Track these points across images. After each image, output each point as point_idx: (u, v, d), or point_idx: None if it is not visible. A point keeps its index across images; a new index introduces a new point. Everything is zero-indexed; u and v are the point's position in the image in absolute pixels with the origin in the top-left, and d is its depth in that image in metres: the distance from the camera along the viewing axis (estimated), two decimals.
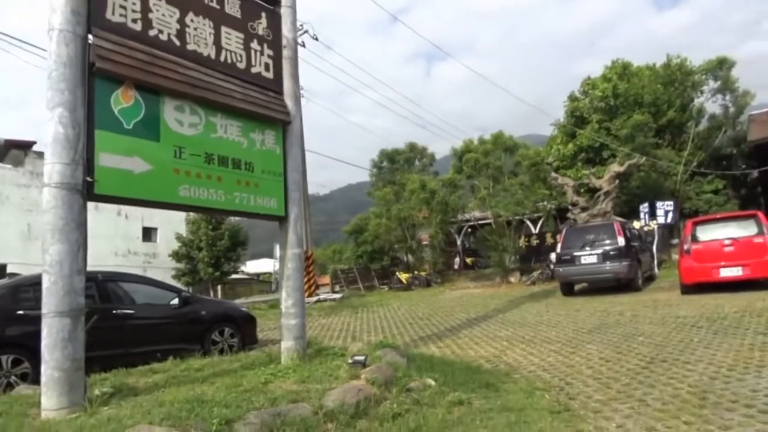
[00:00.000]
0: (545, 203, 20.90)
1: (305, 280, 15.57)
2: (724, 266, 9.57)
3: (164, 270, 24.92)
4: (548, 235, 20.50)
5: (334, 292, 20.06)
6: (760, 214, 10.08)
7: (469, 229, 27.44)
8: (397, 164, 29.75)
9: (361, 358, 4.26)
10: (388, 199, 23.44)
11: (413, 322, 10.32)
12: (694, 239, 10.25)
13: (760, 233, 9.52)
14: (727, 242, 9.71)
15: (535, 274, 17.50)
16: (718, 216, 12.56)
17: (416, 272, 21.80)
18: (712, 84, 23.71)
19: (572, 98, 26.30)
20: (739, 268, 9.44)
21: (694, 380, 4.30)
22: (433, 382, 4.32)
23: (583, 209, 17.96)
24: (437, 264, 23.47)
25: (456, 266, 26.72)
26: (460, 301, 14.07)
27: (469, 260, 27.63)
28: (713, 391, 3.96)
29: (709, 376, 4.37)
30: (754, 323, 6.51)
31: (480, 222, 23.63)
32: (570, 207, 18.79)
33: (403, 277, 21.39)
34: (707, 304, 8.57)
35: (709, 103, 24.42)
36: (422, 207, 22.09)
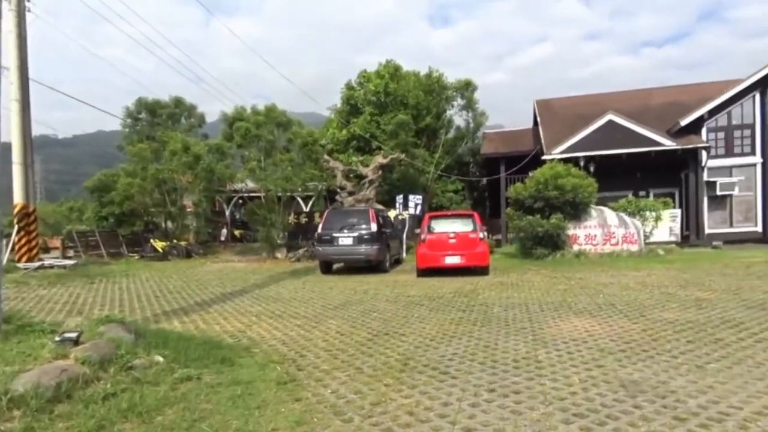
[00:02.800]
0: (316, 183, 21.75)
1: (24, 241, 13.07)
2: (449, 255, 11.56)
3: None
4: (317, 215, 21.43)
5: (66, 257, 17.09)
6: (476, 215, 12.49)
7: (240, 201, 26.80)
8: (159, 118, 26.97)
9: (73, 335, 3.78)
10: (145, 156, 21.14)
11: (161, 296, 9.63)
12: (429, 230, 12.09)
13: (475, 230, 11.78)
14: (451, 235, 11.74)
15: (301, 251, 18.12)
16: (448, 213, 15.14)
17: (175, 241, 20.28)
18: (460, 101, 28.25)
19: (349, 87, 27.91)
20: (459, 257, 11.53)
21: (404, 349, 5.09)
22: (161, 359, 4.13)
23: (350, 194, 19.31)
24: (201, 234, 22.28)
25: (223, 238, 25.83)
26: (219, 275, 13.69)
27: (237, 233, 27.00)
28: (414, 357, 4.76)
29: (415, 346, 5.23)
30: (459, 302, 8.00)
31: (251, 194, 23.25)
32: (338, 190, 19.97)
33: (159, 245, 19.66)
34: (433, 285, 10.18)
35: (457, 116, 29.09)
36: (185, 171, 20.60)
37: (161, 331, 5.75)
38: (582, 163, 17.96)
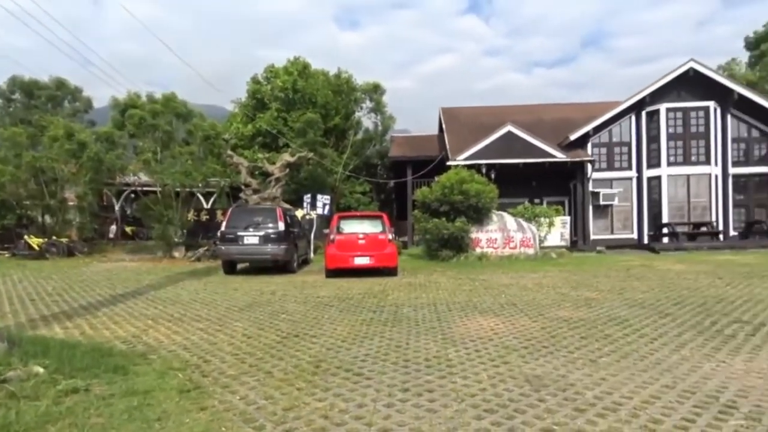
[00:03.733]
0: (219, 180, 20.74)
1: None
2: (358, 255, 11.55)
3: None
4: (219, 212, 20.42)
5: None
6: (385, 216, 12.64)
7: (132, 195, 24.78)
8: (37, 101, 24.21)
9: None
10: (19, 141, 18.83)
11: (38, 299, 8.57)
12: (339, 231, 12.01)
13: (384, 231, 11.90)
14: (361, 236, 11.75)
15: (201, 250, 17.16)
16: (357, 214, 15.20)
17: (54, 237, 18.23)
18: (369, 103, 28.59)
19: (255, 81, 27.01)
20: (368, 258, 11.56)
21: (315, 351, 4.95)
22: (41, 370, 3.64)
23: (255, 191, 18.62)
24: (86, 230, 20.22)
25: (112, 235, 23.70)
26: (109, 275, 12.52)
27: (129, 229, 24.95)
28: (326, 359, 4.64)
29: (327, 347, 5.11)
30: (370, 303, 8.00)
31: (145, 188, 21.54)
32: (243, 187, 19.17)
33: (35, 242, 17.55)
34: (342, 286, 10.10)
35: (365, 118, 29.39)
36: (68, 160, 18.62)
37: (40, 339, 5.08)
38: (484, 170, 18.93)
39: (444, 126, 24.10)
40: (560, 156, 20.08)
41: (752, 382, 3.79)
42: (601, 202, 21.10)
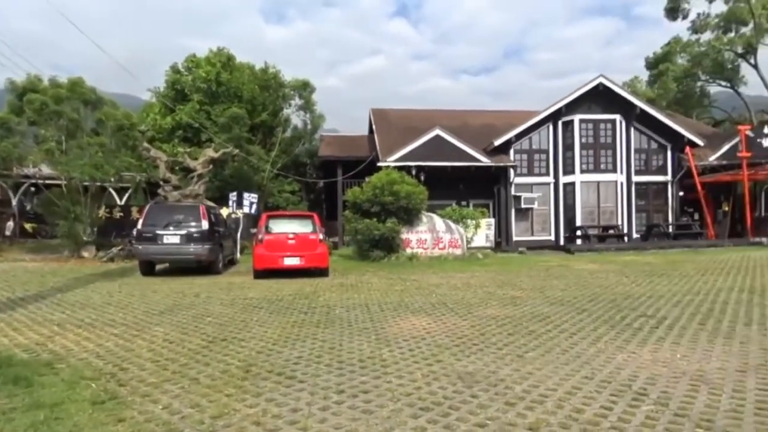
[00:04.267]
0: (134, 174, 19.42)
1: None
2: (288, 256, 11.29)
3: None
4: (135, 210, 19.15)
5: None
6: (316, 216, 12.47)
7: (33, 188, 22.62)
8: None
9: None
10: None
11: None
12: (267, 230, 11.67)
13: (314, 231, 11.73)
14: (290, 236, 11.50)
15: (115, 249, 16.01)
16: (287, 213, 14.87)
17: None
18: (298, 100, 28.13)
19: (175, 70, 25.65)
20: (298, 258, 11.33)
21: (245, 355, 4.75)
22: None
23: (176, 188, 17.64)
24: None
25: (8, 232, 21.50)
26: (5, 276, 11.34)
27: (29, 226, 22.72)
28: (257, 363, 4.47)
29: (257, 351, 4.92)
30: (301, 304, 7.83)
31: (47, 181, 19.70)
32: (162, 183, 18.08)
33: None
34: (272, 287, 9.82)
35: (294, 116, 28.88)
36: None
37: None
38: (414, 172, 19.26)
39: (374, 127, 24.23)
40: (485, 161, 20.88)
41: (659, 371, 4.11)
42: (523, 206, 22.18)
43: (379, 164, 19.42)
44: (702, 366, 4.21)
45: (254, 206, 17.64)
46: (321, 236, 11.75)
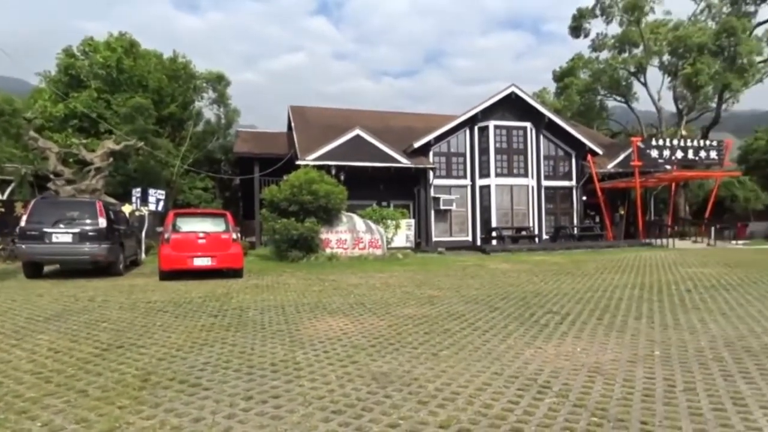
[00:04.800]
0: (18, 166, 17.49)
1: None
2: (198, 256, 10.69)
3: None
4: (19, 205, 17.26)
5: None
6: (229, 214, 11.93)
7: None
8: None
9: None
10: None
11: None
12: (175, 229, 10.98)
13: (227, 230, 11.22)
14: (201, 235, 10.90)
15: None
16: (198, 211, 14.12)
17: None
18: (211, 93, 27.01)
19: (69, 54, 23.48)
20: (209, 259, 10.77)
21: (144, 363, 4.37)
22: None
23: (69, 182, 16.10)
24: None
25: None
26: None
27: None
28: (157, 371, 4.12)
29: (158, 358, 4.56)
30: (211, 306, 7.42)
31: None
32: (52, 176, 16.43)
33: None
34: (179, 289, 9.23)
35: (207, 109, 27.68)
36: None
37: None
38: (333, 172, 19.10)
39: (293, 124, 23.76)
40: (405, 162, 21.22)
41: (561, 364, 4.32)
42: (442, 207, 22.80)
43: (298, 163, 19.05)
44: (599, 358, 4.48)
45: (161, 203, 16.58)
46: (234, 235, 11.26)
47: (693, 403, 3.29)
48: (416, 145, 22.07)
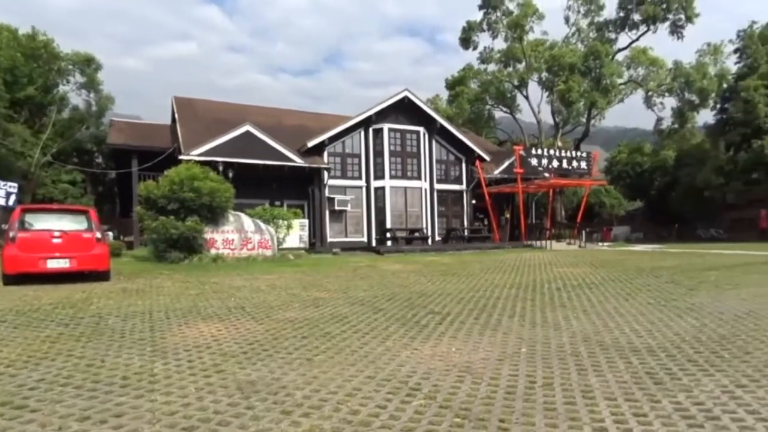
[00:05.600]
0: None
1: None
2: (52, 257, 9.45)
3: None
4: None
5: None
6: (92, 212, 10.68)
7: None
8: None
9: None
10: None
11: None
12: (24, 227, 9.61)
13: (89, 229, 10.06)
14: (57, 234, 9.66)
15: None
16: (54, 207, 12.54)
17: None
18: (79, 77, 24.33)
19: None
20: (67, 260, 9.57)
21: None
22: None
23: None
24: None
25: None
26: None
27: None
28: None
29: None
30: (63, 314, 6.55)
31: None
32: None
33: None
34: (27, 295, 8.10)
35: (75, 94, 24.92)
36: None
37: None
38: (221, 168, 18.12)
39: (177, 117, 22.15)
40: (299, 161, 20.78)
41: (435, 365, 4.34)
42: (337, 208, 22.68)
43: (182, 158, 17.79)
44: (470, 357, 4.58)
45: (12, 197, 14.51)
46: (99, 234, 10.12)
47: (549, 398, 3.43)
48: (310, 144, 21.74)
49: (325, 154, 22.60)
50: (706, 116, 36.41)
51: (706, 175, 28.84)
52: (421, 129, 24.41)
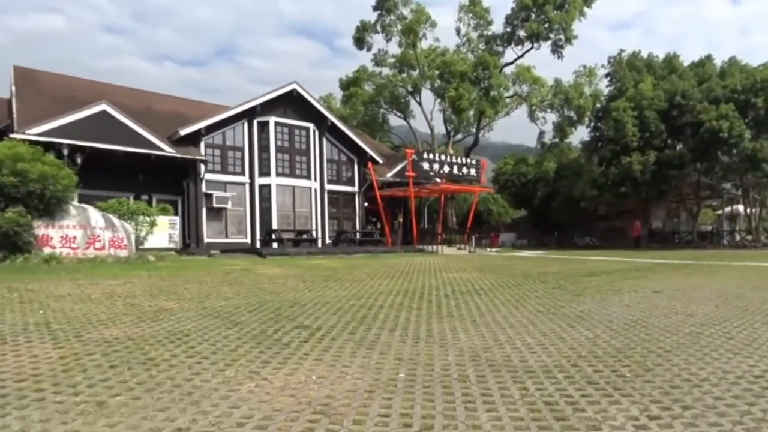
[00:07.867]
0: None
1: None
2: None
3: None
4: None
5: None
6: None
7: None
8: None
9: None
10: None
11: None
12: None
13: None
14: None
15: None
16: None
17: None
18: None
19: None
20: None
21: None
22: None
23: None
24: None
25: None
26: None
27: None
28: None
29: None
30: None
31: None
32: None
33: None
34: None
35: None
36: None
37: None
38: (66, 152, 15.29)
39: (14, 89, 18.51)
40: (169, 150, 18.44)
41: (282, 404, 3.20)
42: (215, 205, 20.60)
43: (13, 136, 14.71)
44: (333, 389, 3.50)
45: None
46: None
47: None
48: (183, 132, 19.44)
49: (202, 145, 20.39)
50: (582, 133, 39.70)
51: (582, 187, 31.07)
52: (311, 126, 23.17)
